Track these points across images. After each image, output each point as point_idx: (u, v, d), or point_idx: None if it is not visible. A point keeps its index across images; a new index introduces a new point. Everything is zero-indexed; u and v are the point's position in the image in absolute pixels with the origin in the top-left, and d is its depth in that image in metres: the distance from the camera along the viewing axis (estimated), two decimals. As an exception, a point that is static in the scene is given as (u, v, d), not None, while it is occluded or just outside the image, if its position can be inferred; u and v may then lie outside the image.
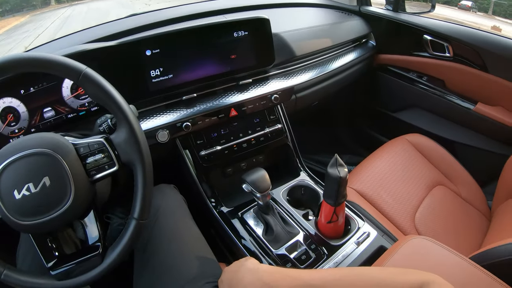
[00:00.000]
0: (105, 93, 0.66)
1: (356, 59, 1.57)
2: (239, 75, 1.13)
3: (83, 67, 0.65)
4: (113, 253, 0.68)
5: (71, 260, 0.69)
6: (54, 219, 0.62)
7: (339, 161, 0.89)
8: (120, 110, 0.66)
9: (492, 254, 0.83)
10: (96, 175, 0.67)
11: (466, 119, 1.54)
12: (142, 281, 0.83)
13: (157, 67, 0.99)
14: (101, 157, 0.67)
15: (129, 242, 0.67)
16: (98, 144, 0.67)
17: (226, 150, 1.10)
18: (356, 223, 1.02)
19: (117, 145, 0.68)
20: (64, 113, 0.93)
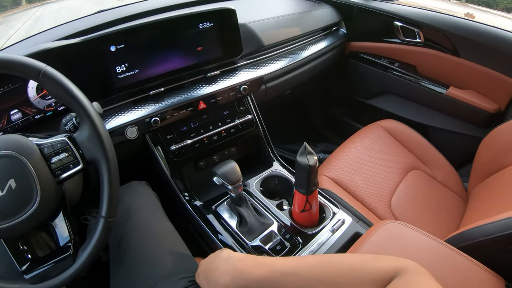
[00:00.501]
0: (66, 90, 0.64)
1: (327, 47, 1.56)
2: (206, 67, 1.12)
3: (43, 65, 0.64)
4: (84, 253, 0.66)
5: (44, 262, 0.68)
6: (22, 222, 0.61)
7: (308, 149, 0.88)
8: (81, 107, 0.65)
9: (467, 236, 0.84)
10: (61, 174, 0.66)
11: (439, 103, 1.55)
12: (118, 279, 0.82)
13: (123, 63, 0.96)
14: (65, 156, 0.66)
15: (99, 241, 0.66)
16: (61, 143, 0.66)
17: (196, 143, 1.09)
18: (330, 211, 1.02)
19: (80, 143, 0.67)
20: (31, 115, 0.91)
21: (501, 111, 1.42)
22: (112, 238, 0.88)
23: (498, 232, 0.76)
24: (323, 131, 2.12)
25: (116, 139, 0.95)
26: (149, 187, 1.05)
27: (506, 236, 0.74)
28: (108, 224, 0.66)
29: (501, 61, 1.33)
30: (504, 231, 0.74)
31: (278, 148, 1.23)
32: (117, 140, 0.96)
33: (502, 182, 1.10)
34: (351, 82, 1.88)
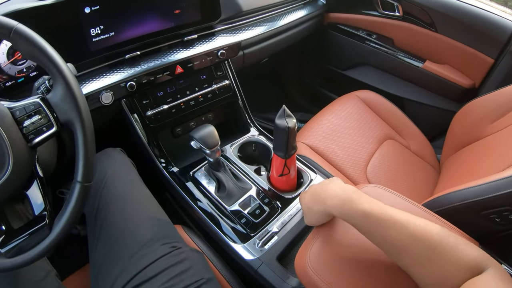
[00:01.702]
0: (38, 49, 0.60)
1: (305, 16, 1.55)
2: (184, 31, 1.09)
3: (14, 23, 0.60)
4: (60, 221, 0.63)
5: (19, 234, 0.65)
6: None
7: (287, 112, 0.88)
8: (55, 66, 0.61)
9: (443, 201, 0.86)
10: (34, 139, 0.63)
11: (415, 77, 1.58)
12: (97, 250, 0.81)
13: (97, 25, 0.92)
14: (38, 119, 0.62)
15: (76, 207, 0.62)
16: (34, 105, 0.62)
17: (173, 109, 1.07)
18: (308, 176, 1.03)
19: (54, 105, 0.63)
20: (1, 81, 0.86)
21: (475, 86, 1.46)
22: (88, 209, 0.86)
23: (471, 198, 0.79)
24: (300, 101, 2.13)
25: (91, 105, 0.92)
26: (124, 153, 1.03)
27: (478, 202, 0.77)
28: (84, 189, 0.63)
29: (478, 38, 1.36)
30: (477, 197, 0.77)
31: (255, 116, 1.22)
32: (92, 106, 0.92)
33: (473, 154, 1.14)
34: (328, 53, 1.88)
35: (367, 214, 0.58)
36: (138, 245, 0.77)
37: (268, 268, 0.82)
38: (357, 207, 0.59)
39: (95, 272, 0.80)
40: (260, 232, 0.88)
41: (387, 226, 0.57)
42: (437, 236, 0.54)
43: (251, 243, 0.86)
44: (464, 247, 0.54)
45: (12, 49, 0.85)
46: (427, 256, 0.54)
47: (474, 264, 0.52)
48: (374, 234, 0.59)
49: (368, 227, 0.59)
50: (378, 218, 0.57)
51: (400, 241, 0.56)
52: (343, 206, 0.62)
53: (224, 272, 0.86)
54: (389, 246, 0.58)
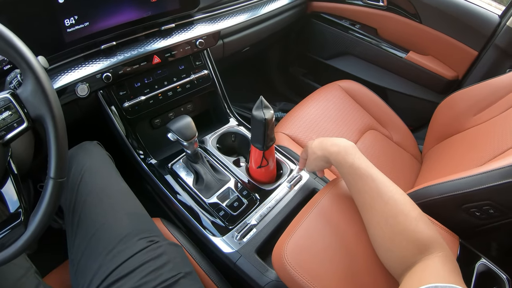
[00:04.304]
0: (6, 42, 0.58)
1: (287, 5, 1.53)
2: (161, 20, 1.07)
3: None
4: (35, 218, 0.62)
5: None
6: None
7: (264, 103, 0.87)
8: (23, 60, 0.59)
9: (423, 194, 0.86)
10: (6, 135, 0.60)
11: (398, 67, 1.58)
12: (75, 245, 0.79)
13: (72, 15, 0.89)
14: (8, 115, 0.60)
15: (50, 203, 0.61)
16: (4, 100, 0.60)
17: (151, 99, 1.05)
18: (288, 167, 1.03)
19: (25, 100, 0.61)
20: None
21: (459, 78, 1.47)
22: (65, 203, 0.85)
23: (452, 191, 0.79)
24: (282, 90, 2.12)
25: (66, 98, 0.90)
26: (101, 147, 1.01)
27: (459, 195, 0.78)
28: (57, 185, 0.61)
29: (462, 30, 1.37)
30: (458, 191, 0.78)
31: (236, 106, 1.21)
32: (67, 98, 0.90)
33: (455, 146, 1.15)
34: (311, 42, 1.87)
35: (354, 166, 0.68)
36: (115, 241, 0.77)
37: (247, 261, 0.82)
38: (349, 158, 0.70)
39: (74, 268, 0.78)
40: (238, 225, 0.88)
41: (365, 181, 0.66)
42: (402, 206, 0.62)
43: (229, 236, 0.86)
44: (423, 225, 0.59)
45: None
46: (385, 219, 0.62)
47: (424, 243, 0.57)
48: (354, 185, 0.69)
49: (352, 178, 0.69)
50: (362, 172, 0.67)
51: (370, 197, 0.65)
52: (338, 154, 0.72)
53: (203, 265, 0.86)
54: (361, 199, 0.68)
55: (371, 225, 0.65)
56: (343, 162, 0.70)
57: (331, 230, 0.72)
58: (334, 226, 0.72)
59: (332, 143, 0.75)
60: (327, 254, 0.68)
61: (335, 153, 0.73)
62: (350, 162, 0.69)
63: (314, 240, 0.70)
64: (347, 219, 0.73)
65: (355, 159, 0.69)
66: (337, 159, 0.72)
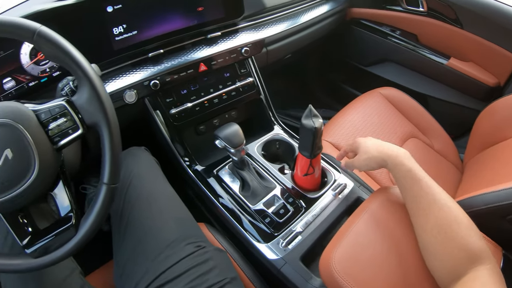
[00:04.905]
0: (63, 51, 0.60)
1: (328, 12, 1.52)
2: (207, 29, 1.08)
3: (37, 25, 0.59)
4: (86, 222, 0.63)
5: (45, 235, 0.65)
6: (20, 194, 0.58)
7: (313, 111, 0.87)
8: (79, 68, 0.61)
9: (467, 204, 0.84)
10: (60, 141, 0.62)
11: (439, 74, 1.54)
12: (122, 248, 0.81)
13: (120, 24, 0.93)
14: (63, 122, 0.62)
15: (102, 209, 0.63)
16: (59, 107, 0.62)
17: (197, 107, 1.07)
18: (332, 175, 1.02)
19: (80, 107, 0.63)
20: (25, 82, 0.87)
21: (500, 85, 1.42)
22: (113, 207, 0.86)
23: (497, 201, 0.77)
24: (321, 97, 2.11)
25: (114, 104, 0.91)
26: (148, 152, 1.03)
27: (505, 206, 0.76)
28: (110, 191, 0.63)
29: (504, 36, 1.32)
30: (504, 201, 0.76)
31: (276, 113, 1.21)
32: (115, 104, 0.91)
33: (498, 155, 1.11)
34: (351, 49, 1.85)
35: (412, 171, 0.70)
36: (163, 245, 0.78)
37: (291, 268, 0.82)
38: (407, 162, 0.72)
39: (119, 271, 0.80)
40: (284, 232, 0.88)
41: (421, 186, 0.67)
42: (455, 213, 0.63)
43: (274, 243, 0.86)
44: (474, 235, 0.61)
45: (34, 50, 0.86)
46: (439, 225, 0.63)
47: (475, 252, 0.58)
48: (409, 190, 0.70)
49: (408, 182, 0.70)
50: (418, 178, 0.69)
51: (426, 202, 0.66)
52: (397, 157, 0.73)
53: (247, 271, 0.86)
54: (416, 204, 0.68)
55: (424, 231, 0.66)
56: (400, 166, 0.72)
57: (382, 238, 0.71)
58: (385, 234, 0.72)
59: (390, 147, 0.77)
60: (377, 263, 0.67)
61: (394, 156, 0.74)
62: (408, 166, 0.70)
63: (364, 248, 0.69)
64: (399, 227, 0.72)
65: (412, 164, 0.71)
66: (395, 162, 0.73)
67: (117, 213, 0.85)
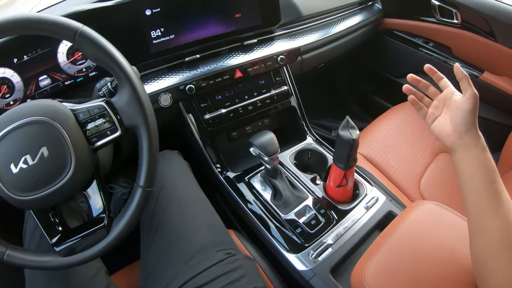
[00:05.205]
0: (105, 52, 0.60)
1: (361, 22, 1.52)
2: (244, 35, 1.09)
3: (79, 25, 0.59)
4: (119, 224, 0.64)
5: (75, 234, 0.65)
6: (54, 192, 0.58)
7: (350, 123, 0.86)
8: (121, 70, 0.61)
9: None
10: (97, 142, 0.62)
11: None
12: (150, 253, 0.81)
13: (158, 27, 0.94)
14: (102, 122, 0.62)
15: (136, 211, 0.63)
16: (98, 108, 0.62)
17: (231, 113, 1.07)
18: (364, 188, 1.01)
19: (119, 108, 0.63)
20: (60, 80, 0.88)
21: (535, 102, 1.38)
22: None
23: None
24: (352, 108, 2.09)
25: (150, 105, 0.93)
26: (181, 156, 1.03)
27: None
28: (145, 194, 0.63)
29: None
30: None
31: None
32: (150, 107, 0.94)
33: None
34: (383, 59, 1.83)
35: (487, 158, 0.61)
36: (194, 250, 0.78)
37: (320, 280, 0.81)
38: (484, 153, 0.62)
39: (146, 272, 0.80)
40: (314, 243, 0.87)
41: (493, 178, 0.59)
42: None
43: (305, 254, 0.85)
44: None
45: (72, 49, 0.87)
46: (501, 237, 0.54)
47: None
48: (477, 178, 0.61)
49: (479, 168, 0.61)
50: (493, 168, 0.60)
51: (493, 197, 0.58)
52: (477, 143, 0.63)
53: (274, 281, 0.85)
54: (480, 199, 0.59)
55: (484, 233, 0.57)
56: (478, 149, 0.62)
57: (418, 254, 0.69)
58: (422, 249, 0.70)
59: None
60: (411, 280, 0.65)
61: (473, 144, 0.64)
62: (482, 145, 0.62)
63: (399, 263, 0.68)
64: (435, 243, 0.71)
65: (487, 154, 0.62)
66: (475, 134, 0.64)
67: (147, 216, 0.85)
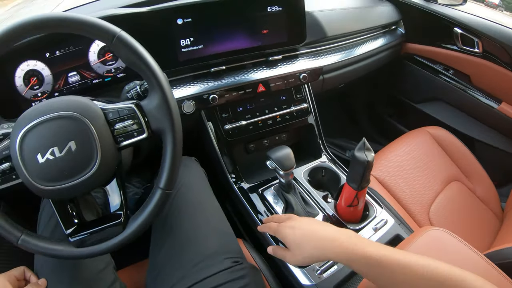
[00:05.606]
0: (140, 57, 0.62)
1: (384, 46, 1.54)
2: (269, 51, 1.12)
3: (117, 29, 0.62)
4: (135, 222, 0.65)
5: (91, 227, 0.67)
6: (77, 185, 0.60)
7: (366, 145, 0.88)
8: (154, 76, 0.63)
9: (505, 254, 0.84)
10: (123, 142, 0.64)
11: (489, 118, 1.52)
12: (160, 254, 0.83)
13: (188, 37, 0.97)
14: (130, 124, 0.64)
15: (153, 212, 0.65)
16: (128, 110, 0.64)
17: (251, 125, 1.10)
18: (374, 210, 1.02)
19: (148, 112, 0.65)
20: (89, 78, 0.91)
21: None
22: None
23: None
24: (367, 129, 2.10)
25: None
26: (198, 163, 1.05)
27: None
28: (164, 196, 0.65)
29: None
30: None
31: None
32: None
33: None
34: (402, 84, 1.85)
35: (372, 260, 0.56)
36: (203, 255, 0.79)
37: (323, 296, 0.82)
38: (360, 251, 0.57)
39: (154, 272, 0.82)
40: None
41: (391, 270, 0.54)
42: (444, 273, 0.52)
43: (310, 269, 0.86)
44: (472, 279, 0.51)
45: (103, 50, 0.90)
46: None
47: None
48: (380, 278, 0.57)
49: (373, 272, 0.57)
50: (383, 261, 0.55)
51: (406, 283, 0.54)
52: (345, 252, 0.59)
53: (277, 293, 0.86)
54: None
55: None
56: (355, 259, 0.58)
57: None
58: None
59: (331, 239, 0.63)
60: None
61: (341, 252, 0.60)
62: (364, 255, 0.57)
63: None
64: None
65: (366, 248, 0.57)
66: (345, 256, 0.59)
67: (161, 217, 0.86)
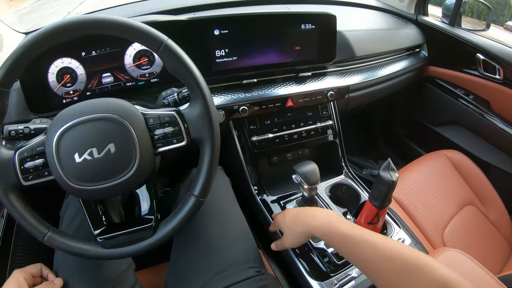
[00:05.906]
0: (185, 66, 0.63)
1: (407, 68, 1.56)
2: (299, 67, 1.14)
3: (165, 37, 0.63)
4: (166, 227, 0.66)
5: (120, 229, 0.67)
6: (112, 187, 0.60)
7: (391, 165, 0.90)
8: (198, 86, 0.64)
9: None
10: (161, 147, 0.65)
11: (506, 144, 1.54)
12: (183, 259, 0.83)
13: (223, 48, 1.00)
14: (170, 130, 0.65)
15: (185, 218, 0.66)
16: (169, 117, 0.65)
17: (277, 139, 1.12)
18: (392, 229, 1.04)
19: (189, 120, 0.65)
20: (123, 81, 0.93)
21: None
22: None
23: None
24: (384, 150, 2.12)
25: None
26: (223, 172, 1.07)
27: None
28: (198, 204, 0.66)
29: None
30: None
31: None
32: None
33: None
34: (421, 106, 1.87)
35: (344, 235, 0.65)
36: (227, 264, 0.80)
37: (339, 311, 0.83)
38: (336, 228, 0.67)
39: (176, 277, 0.83)
40: (339, 274, 0.90)
41: (361, 246, 0.62)
42: (408, 255, 0.57)
43: (328, 283, 0.88)
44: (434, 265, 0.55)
45: (139, 54, 0.92)
46: (397, 275, 0.57)
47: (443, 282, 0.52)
48: (350, 254, 0.65)
49: (345, 247, 0.65)
50: (354, 239, 0.64)
51: (373, 261, 0.60)
52: (323, 227, 0.69)
53: (294, 304, 0.88)
54: (364, 265, 0.63)
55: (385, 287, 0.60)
56: (331, 234, 0.68)
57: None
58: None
59: (312, 216, 0.74)
60: None
61: (320, 226, 0.70)
62: (339, 232, 0.66)
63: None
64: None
65: (342, 227, 0.67)
66: (323, 232, 0.69)
67: None
